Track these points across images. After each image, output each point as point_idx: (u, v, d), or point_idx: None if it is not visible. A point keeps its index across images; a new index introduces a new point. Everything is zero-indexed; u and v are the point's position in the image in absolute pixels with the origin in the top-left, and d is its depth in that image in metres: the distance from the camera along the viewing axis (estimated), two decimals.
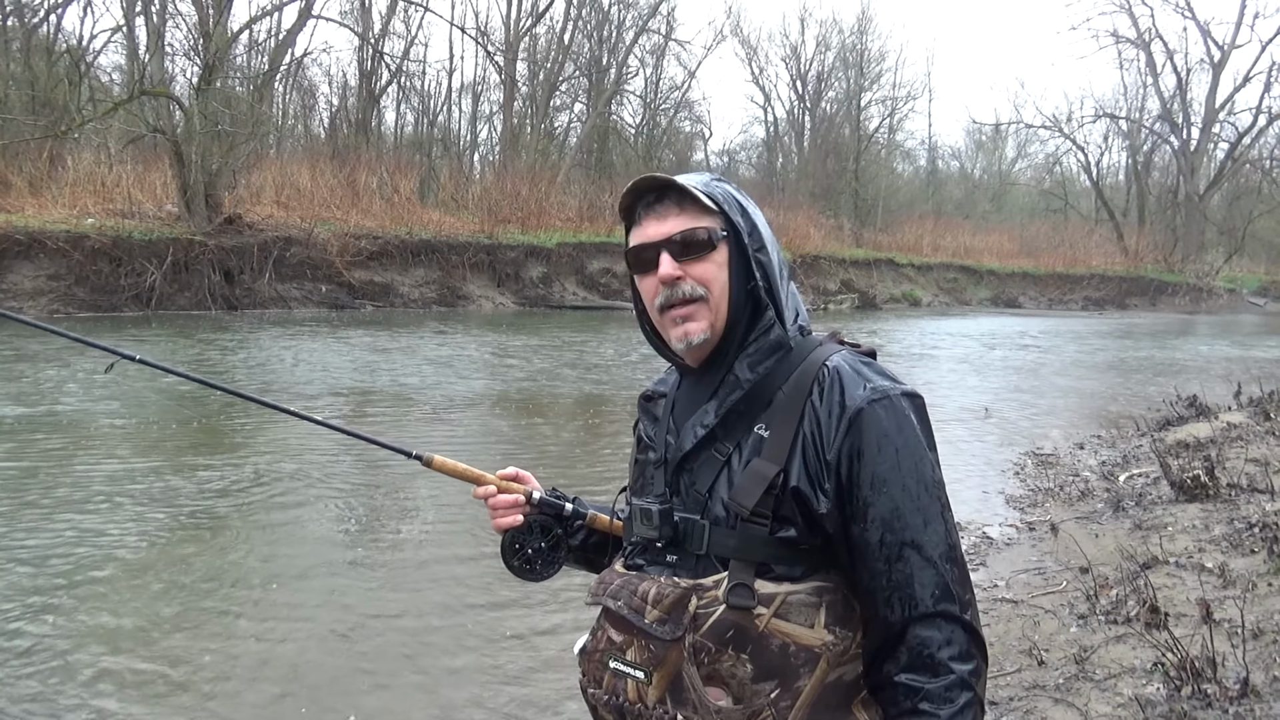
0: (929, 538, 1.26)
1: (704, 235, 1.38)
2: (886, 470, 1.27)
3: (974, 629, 1.26)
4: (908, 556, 1.25)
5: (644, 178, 1.42)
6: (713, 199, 1.38)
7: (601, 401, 11.32)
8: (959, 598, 1.26)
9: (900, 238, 40.21)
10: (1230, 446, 7.14)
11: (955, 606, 1.25)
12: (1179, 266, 42.28)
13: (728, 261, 1.39)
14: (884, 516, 1.26)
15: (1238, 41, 43.48)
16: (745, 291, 1.39)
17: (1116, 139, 51.02)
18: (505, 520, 1.56)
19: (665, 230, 1.39)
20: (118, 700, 3.73)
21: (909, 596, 1.24)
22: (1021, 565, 5.28)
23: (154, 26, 22.64)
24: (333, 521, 6.20)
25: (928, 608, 1.24)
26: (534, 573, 1.59)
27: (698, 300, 1.38)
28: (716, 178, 1.45)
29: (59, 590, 4.78)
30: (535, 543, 1.58)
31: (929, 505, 1.28)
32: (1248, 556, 4.51)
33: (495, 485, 1.57)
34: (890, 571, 1.25)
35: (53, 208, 20.37)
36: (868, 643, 1.29)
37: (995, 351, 19.07)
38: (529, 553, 1.58)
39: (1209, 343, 23.40)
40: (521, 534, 1.57)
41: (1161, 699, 3.18)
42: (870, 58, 45.10)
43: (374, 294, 22.83)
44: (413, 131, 37.90)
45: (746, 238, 1.39)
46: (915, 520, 1.26)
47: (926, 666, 1.23)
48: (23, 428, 8.34)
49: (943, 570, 1.26)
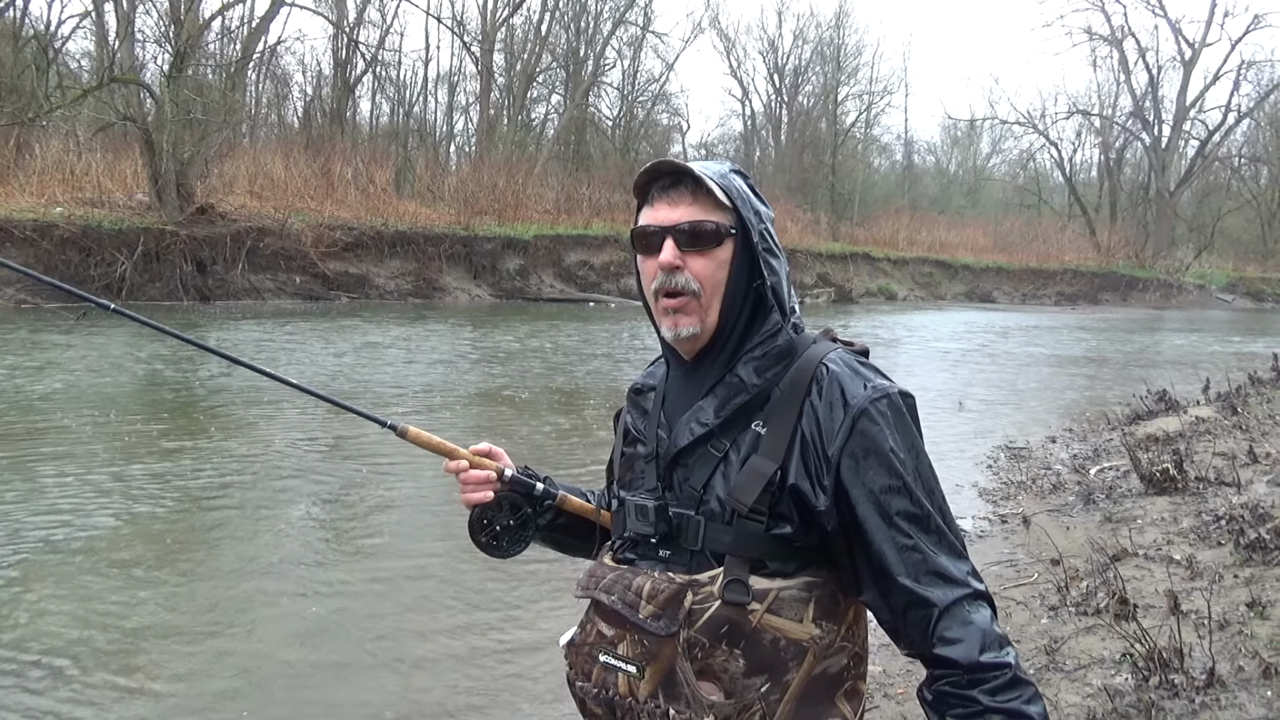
0: (949, 526, 1.30)
1: (711, 228, 1.36)
2: (901, 468, 1.28)
3: (992, 600, 1.30)
4: (939, 545, 1.27)
5: (662, 160, 1.41)
6: (727, 193, 1.37)
7: (577, 393, 11.31)
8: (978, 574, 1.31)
9: (876, 232, 40.42)
10: (1199, 440, 7.24)
11: (982, 584, 1.29)
12: (1150, 262, 42.82)
13: (730, 259, 1.38)
14: (907, 510, 1.27)
15: (1208, 40, 44.18)
16: (747, 290, 1.39)
17: (1089, 135, 51.56)
18: (475, 496, 1.55)
19: (675, 217, 1.38)
20: (78, 694, 3.68)
21: (953, 579, 1.26)
22: (994, 557, 5.33)
23: (124, 13, 22.26)
24: (306, 511, 6.15)
25: (971, 589, 1.27)
26: (500, 549, 1.58)
27: (689, 294, 1.37)
28: (735, 168, 1.43)
29: (19, 575, 4.71)
30: (503, 520, 1.57)
31: (939, 498, 1.31)
32: (1215, 549, 4.58)
33: (467, 460, 1.55)
34: (926, 561, 1.26)
35: (20, 196, 20.03)
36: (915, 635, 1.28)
37: (969, 345, 19.23)
38: (497, 529, 1.57)
39: (1178, 338, 23.73)
40: (490, 510, 1.56)
41: (1130, 689, 3.23)
42: (847, 52, 45.30)
43: (349, 285, 22.65)
44: (388, 122, 37.61)
45: (756, 236, 1.38)
46: (935, 511, 1.29)
47: (998, 642, 1.24)
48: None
49: (965, 552, 1.31)
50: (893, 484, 1.28)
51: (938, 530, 1.28)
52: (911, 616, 1.27)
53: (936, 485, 1.33)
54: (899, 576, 1.26)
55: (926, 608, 1.25)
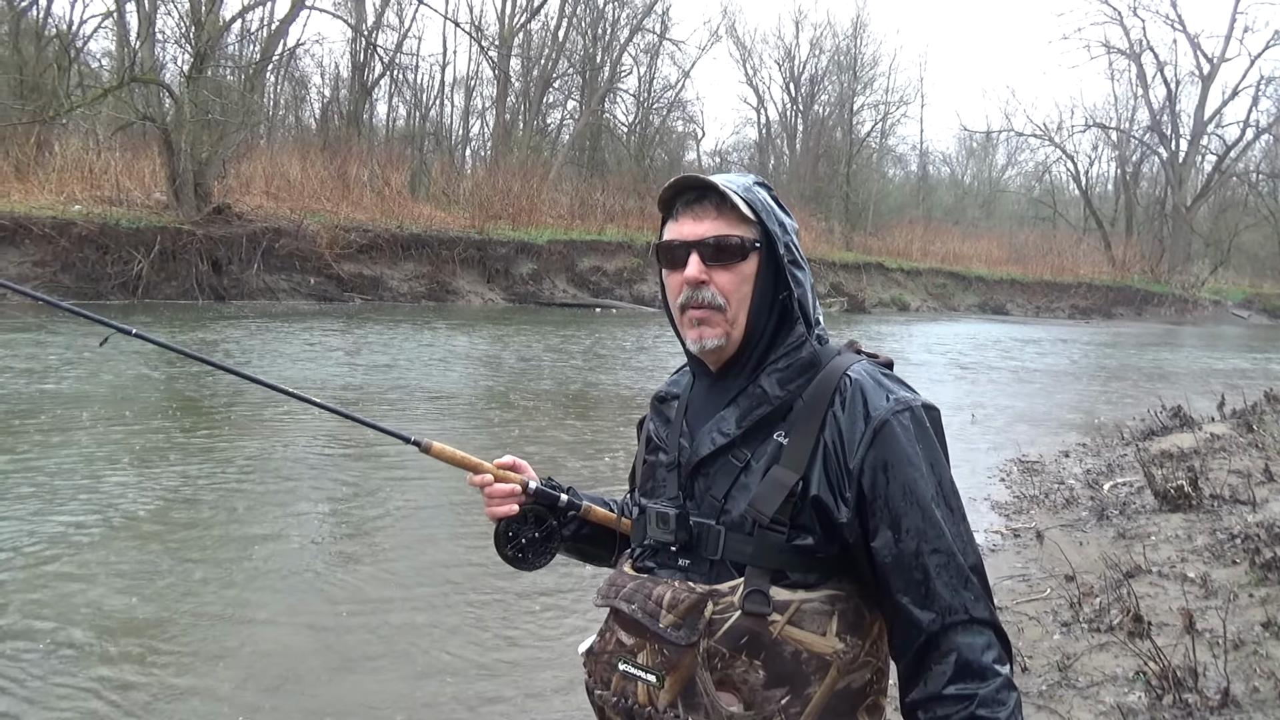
0: (960, 547, 1.28)
1: (736, 243, 1.37)
2: (917, 481, 1.28)
3: (1004, 633, 1.29)
4: (945, 564, 1.26)
5: (687, 175, 1.42)
6: (752, 207, 1.37)
7: (591, 400, 11.31)
8: (990, 604, 1.29)
9: (890, 242, 40.32)
10: (1213, 457, 7.19)
11: (988, 613, 1.27)
12: (1165, 277, 42.56)
13: (755, 273, 1.38)
14: (918, 526, 1.27)
15: (1227, 55, 43.92)
16: (772, 302, 1.39)
17: (1106, 149, 51.34)
18: (500, 509, 1.56)
19: (700, 231, 1.38)
20: (95, 690, 3.71)
21: (946, 605, 1.25)
22: (1006, 572, 5.30)
23: (145, 13, 22.49)
24: (322, 514, 6.17)
25: (966, 615, 1.25)
26: (526, 562, 1.59)
27: (715, 308, 1.37)
28: (759, 181, 1.44)
29: (32, 567, 4.75)
30: (529, 532, 1.58)
31: (957, 516, 1.30)
32: (1230, 567, 4.55)
33: (492, 474, 1.56)
34: (927, 580, 1.26)
35: (40, 193, 20.21)
36: (900, 655, 1.29)
37: (982, 358, 19.15)
38: (522, 542, 1.58)
39: (1193, 354, 23.57)
40: (516, 523, 1.58)
41: (1143, 708, 3.21)
42: (864, 62, 45.21)
43: (363, 287, 22.74)
44: (404, 125, 37.84)
45: (782, 249, 1.38)
46: (948, 530, 1.28)
47: (974, 673, 1.23)
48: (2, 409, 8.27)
49: (975, 577, 1.28)
50: (907, 499, 1.27)
51: (946, 550, 1.27)
52: (897, 633, 1.29)
53: (955, 502, 1.32)
54: (895, 594, 1.27)
55: (914, 629, 1.26)
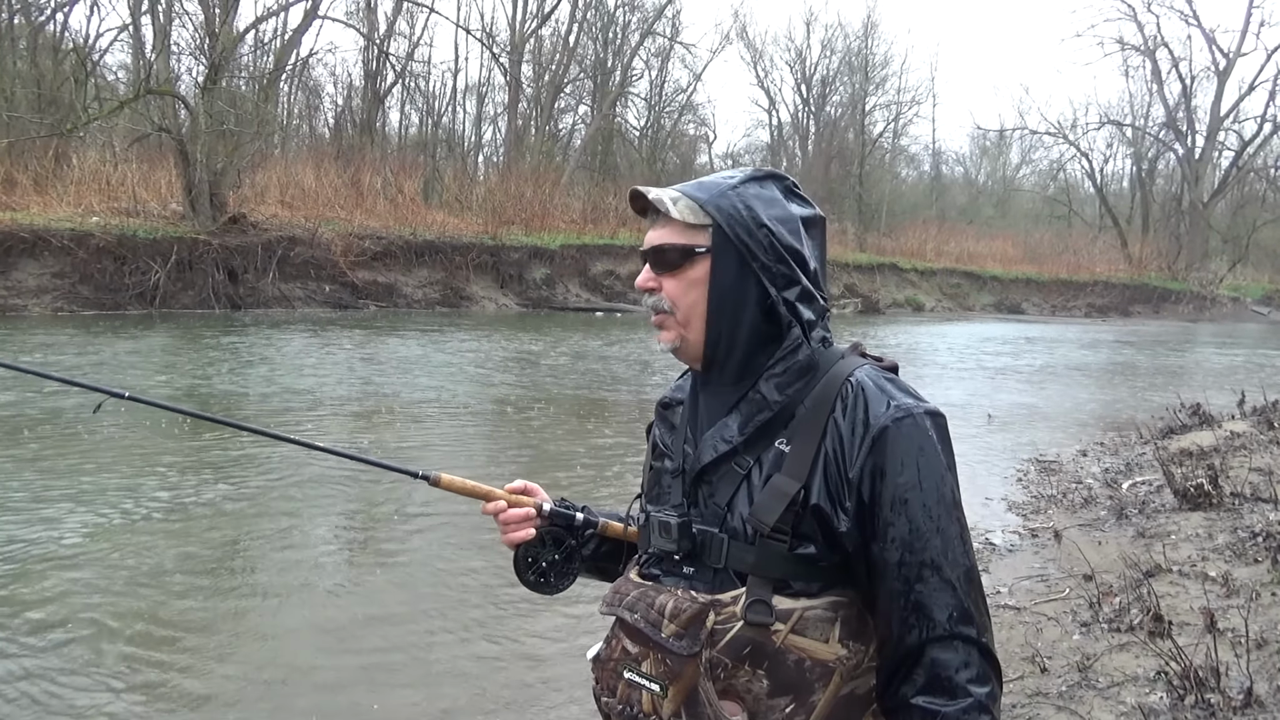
0: (948, 559, 1.25)
1: (674, 250, 1.37)
2: (907, 490, 1.25)
3: (990, 652, 1.25)
4: (927, 577, 1.23)
5: (633, 189, 1.43)
6: (708, 211, 1.34)
7: (604, 406, 11.32)
8: (976, 621, 1.24)
9: (904, 243, 40.18)
10: (1234, 455, 7.12)
11: (973, 629, 1.23)
12: (1183, 274, 42.21)
13: (705, 277, 1.36)
14: (904, 537, 1.24)
15: (1243, 50, 43.49)
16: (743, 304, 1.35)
17: (1121, 146, 50.99)
18: (517, 535, 1.53)
19: (650, 239, 1.41)
20: (111, 701, 3.73)
21: (927, 618, 1.23)
22: (1024, 572, 5.27)
23: (160, 26, 22.69)
24: (334, 526, 6.20)
25: (945, 630, 1.22)
26: (549, 585, 1.56)
27: (666, 312, 1.40)
28: (748, 176, 1.39)
29: (48, 568, 4.79)
30: (549, 555, 1.55)
31: (948, 527, 1.26)
32: (1251, 566, 4.50)
33: (504, 500, 1.54)
34: (909, 592, 1.23)
35: (58, 206, 20.41)
36: (882, 663, 1.28)
37: (998, 357, 19.05)
38: (543, 566, 1.55)
39: (1212, 351, 23.37)
40: (534, 548, 1.54)
41: (1165, 708, 3.17)
42: (875, 62, 45.13)
43: (377, 294, 22.85)
44: (417, 132, 38.03)
45: (760, 250, 1.34)
46: (935, 541, 1.24)
47: (944, 689, 1.21)
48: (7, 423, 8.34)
49: (961, 592, 1.24)
50: (896, 509, 1.25)
51: (932, 564, 1.23)
52: (882, 644, 1.27)
53: (953, 512, 1.27)
54: (880, 604, 1.26)
55: (895, 642, 1.25)
